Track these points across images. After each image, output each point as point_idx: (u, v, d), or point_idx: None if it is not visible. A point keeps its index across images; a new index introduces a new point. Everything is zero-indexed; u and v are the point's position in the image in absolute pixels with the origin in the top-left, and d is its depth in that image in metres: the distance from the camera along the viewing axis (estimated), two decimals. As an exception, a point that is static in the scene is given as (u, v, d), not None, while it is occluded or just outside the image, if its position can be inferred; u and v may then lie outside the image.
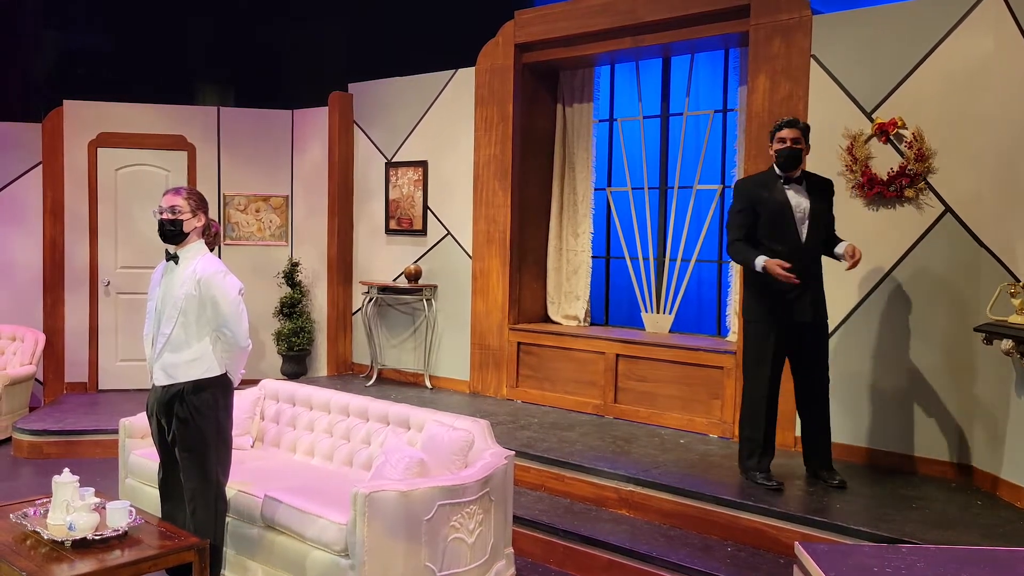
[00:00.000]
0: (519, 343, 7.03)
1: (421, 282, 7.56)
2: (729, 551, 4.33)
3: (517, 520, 4.58)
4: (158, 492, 4.07)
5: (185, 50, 9.18)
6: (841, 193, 5.26)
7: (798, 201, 4.65)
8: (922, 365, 5.02)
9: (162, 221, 3.79)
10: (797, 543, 3.15)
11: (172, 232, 3.79)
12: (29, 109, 8.41)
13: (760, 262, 4.52)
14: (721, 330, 6.59)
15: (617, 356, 6.42)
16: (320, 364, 8.34)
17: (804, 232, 4.64)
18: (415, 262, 7.68)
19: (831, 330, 5.27)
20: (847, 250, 4.58)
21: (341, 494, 3.81)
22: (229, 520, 4.06)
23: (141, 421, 4.71)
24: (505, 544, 4.13)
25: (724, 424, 5.83)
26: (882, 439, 5.18)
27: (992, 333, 4.37)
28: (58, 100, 8.08)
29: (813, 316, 4.67)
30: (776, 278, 4.48)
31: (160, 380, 3.81)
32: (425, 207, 7.66)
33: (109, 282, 8.08)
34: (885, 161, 5.15)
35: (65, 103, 8.04)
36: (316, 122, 8.30)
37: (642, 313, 6.90)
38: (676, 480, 4.80)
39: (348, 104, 8.18)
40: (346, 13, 8.78)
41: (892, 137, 5.12)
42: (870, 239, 5.17)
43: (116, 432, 5.00)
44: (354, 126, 8.20)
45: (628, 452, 5.42)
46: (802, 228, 4.64)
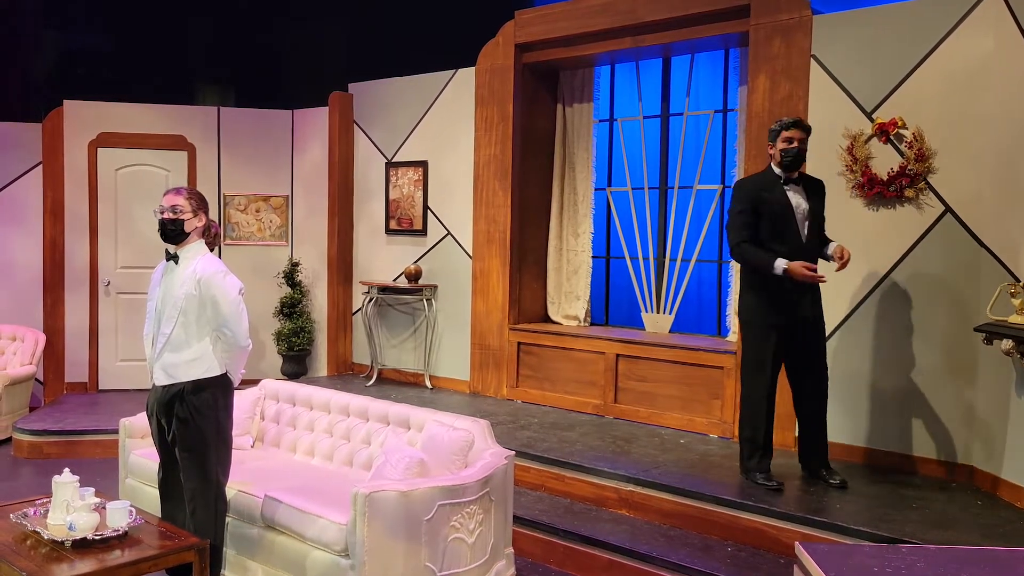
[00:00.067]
0: (519, 343, 7.03)
1: (421, 282, 7.56)
2: (729, 551, 4.33)
3: (517, 520, 4.58)
4: (158, 492, 4.07)
5: (185, 50, 9.18)
6: (841, 193, 5.28)
7: (798, 202, 4.68)
8: (922, 365, 5.02)
9: (163, 221, 3.79)
10: (797, 543, 3.14)
11: (173, 232, 3.79)
12: (29, 109, 8.41)
13: (781, 264, 4.51)
14: (721, 330, 6.59)
15: (617, 356, 6.42)
16: (320, 364, 8.34)
17: (804, 232, 4.68)
18: (415, 262, 7.69)
19: (831, 330, 5.29)
20: (836, 251, 4.64)
21: (341, 494, 3.81)
22: (229, 520, 4.06)
23: (141, 421, 4.71)
24: (505, 544, 4.13)
25: (724, 424, 5.83)
26: (882, 439, 5.18)
27: (992, 333, 4.37)
28: (58, 100, 8.08)
29: (813, 314, 4.72)
30: (801, 279, 4.50)
31: (160, 380, 3.81)
32: (425, 207, 7.66)
33: (109, 282, 8.08)
34: (885, 161, 5.15)
35: (65, 103, 8.04)
36: (316, 122, 8.30)
37: (642, 313, 6.90)
38: (676, 480, 4.80)
39: (348, 104, 8.18)
40: (346, 13, 8.78)
41: (892, 137, 5.12)
42: (870, 239, 5.18)
43: (116, 432, 5.01)
44: (354, 126, 8.20)
45: (628, 452, 5.42)
46: (803, 228, 4.67)
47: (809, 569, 2.93)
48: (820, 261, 4.75)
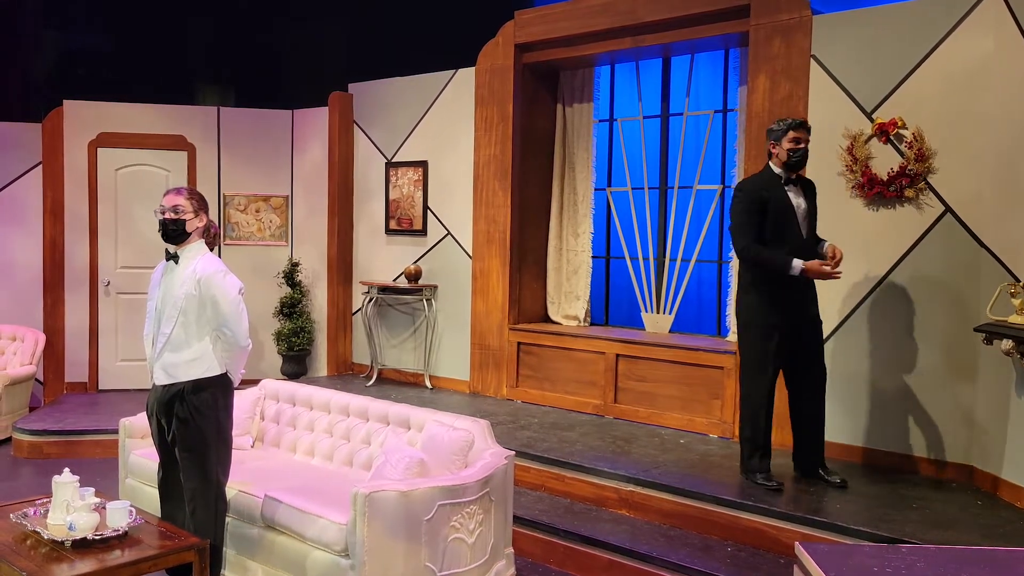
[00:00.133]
0: (519, 343, 7.03)
1: (421, 282, 7.56)
2: (729, 551, 4.33)
3: (517, 520, 4.58)
4: (158, 492, 4.07)
5: (185, 50, 9.17)
6: (841, 193, 5.29)
7: (798, 202, 4.72)
8: (922, 365, 5.02)
9: (165, 221, 3.79)
10: (797, 543, 3.15)
11: (175, 232, 3.79)
12: (29, 109, 8.41)
13: (799, 265, 4.52)
14: (721, 330, 6.59)
15: (617, 356, 6.42)
16: (320, 364, 8.34)
17: (803, 231, 4.71)
18: (415, 262, 7.69)
19: (832, 330, 5.30)
20: (828, 250, 4.68)
21: (341, 494, 3.81)
22: (229, 520, 4.06)
23: (141, 421, 4.71)
24: (505, 544, 4.13)
25: (724, 424, 5.83)
26: (882, 439, 5.18)
27: (992, 333, 4.37)
28: (58, 100, 8.08)
29: (813, 313, 4.76)
30: (818, 278, 4.56)
31: (160, 380, 3.81)
32: (425, 207, 7.66)
33: (109, 282, 8.08)
34: (885, 161, 5.15)
35: (65, 103, 8.04)
36: (316, 122, 8.30)
37: (642, 313, 6.90)
38: (676, 480, 4.80)
39: (348, 104, 8.18)
40: (346, 13, 8.78)
41: (892, 137, 5.12)
42: (870, 239, 5.18)
43: (116, 432, 5.00)
44: (354, 126, 8.20)
45: (628, 452, 5.42)
46: (802, 227, 4.71)
47: (809, 569, 2.93)
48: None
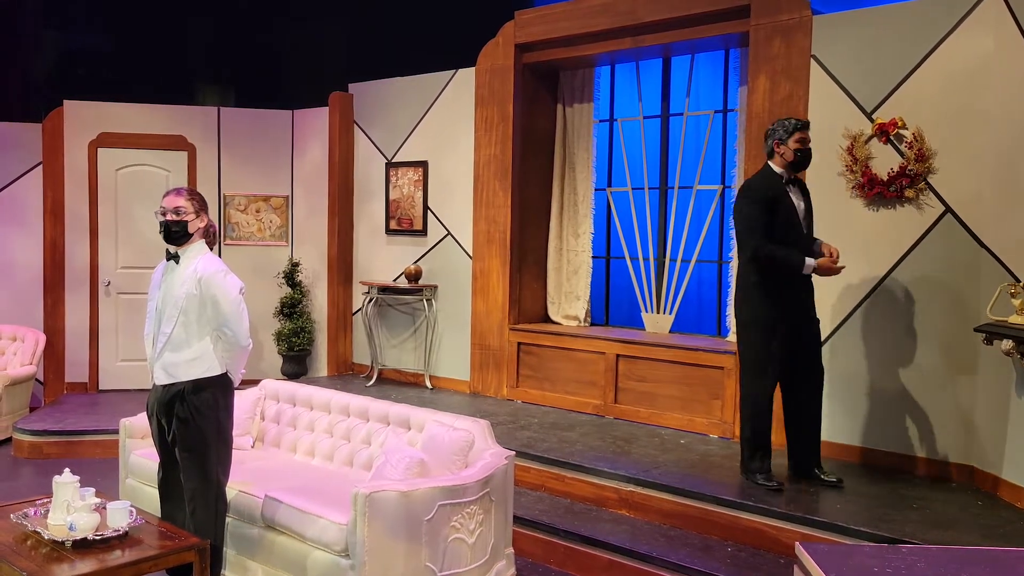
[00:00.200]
0: (519, 343, 7.03)
1: (421, 282, 7.56)
2: (729, 551, 4.33)
3: (517, 520, 4.58)
4: (158, 492, 4.07)
5: (185, 50, 9.18)
6: (841, 193, 5.30)
7: (798, 202, 4.75)
8: (922, 365, 5.02)
9: (167, 223, 3.79)
10: (798, 543, 3.14)
11: (178, 234, 3.79)
12: (29, 109, 8.41)
13: (812, 263, 4.58)
14: (721, 330, 6.59)
15: (617, 356, 6.42)
16: (320, 364, 8.34)
17: (804, 230, 4.75)
18: (415, 262, 7.69)
19: (832, 330, 5.31)
20: (825, 248, 4.74)
21: (341, 494, 3.81)
22: (229, 520, 4.06)
23: (141, 421, 4.71)
24: (505, 544, 4.13)
25: (724, 424, 5.83)
26: (882, 439, 5.18)
27: (992, 333, 4.37)
28: (58, 100, 8.08)
29: (812, 311, 4.80)
30: (827, 275, 4.65)
31: (161, 379, 3.81)
32: (425, 207, 7.66)
33: (109, 282, 8.08)
34: (885, 161, 5.15)
35: (65, 103, 8.04)
36: (316, 122, 8.30)
37: (642, 313, 6.90)
38: (676, 480, 4.81)
39: (348, 104, 8.18)
40: (346, 13, 8.78)
41: (892, 137, 5.12)
42: (870, 239, 5.18)
43: (116, 432, 5.00)
44: (354, 126, 8.20)
45: (628, 452, 5.42)
46: (804, 226, 4.75)
47: (809, 569, 2.93)
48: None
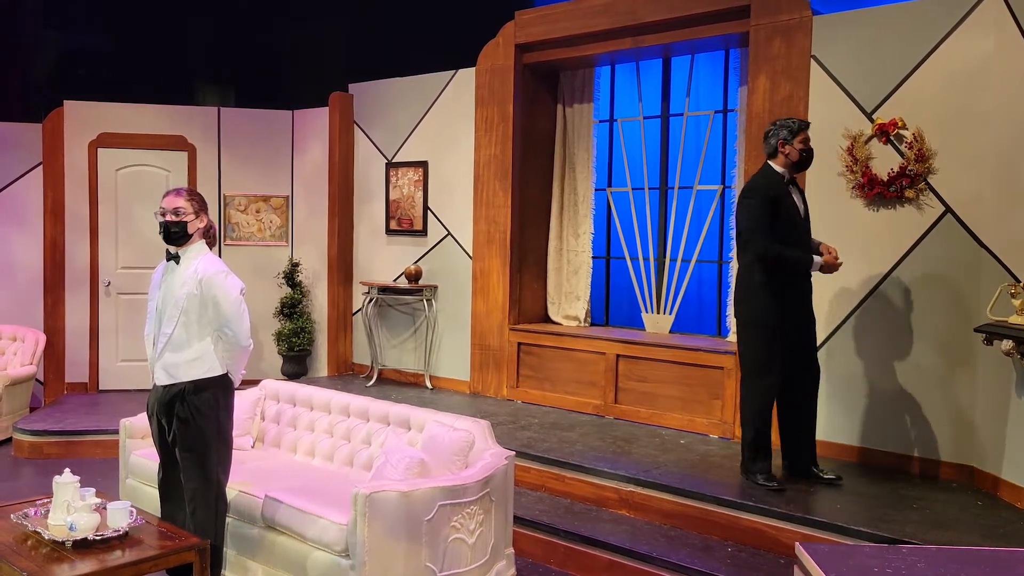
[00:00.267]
0: (519, 343, 7.03)
1: (421, 282, 7.56)
2: (729, 551, 4.33)
3: (518, 520, 4.58)
4: (158, 492, 4.07)
5: (185, 50, 9.18)
6: (841, 193, 5.30)
7: (799, 201, 4.78)
8: (922, 365, 5.02)
9: (167, 224, 3.79)
10: (798, 544, 3.15)
11: (177, 234, 3.79)
12: (29, 109, 8.41)
13: (819, 261, 4.63)
14: (721, 330, 6.60)
15: (617, 356, 6.42)
16: (320, 364, 8.34)
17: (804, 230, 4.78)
18: (415, 262, 7.69)
19: (832, 331, 5.31)
20: (823, 247, 4.77)
21: (342, 494, 3.81)
22: (229, 520, 4.06)
23: (141, 421, 4.71)
24: (506, 544, 4.13)
25: (724, 424, 5.83)
26: (882, 439, 5.18)
27: (992, 334, 4.37)
28: (58, 100, 8.08)
29: (810, 310, 4.83)
30: (832, 272, 4.70)
31: (161, 380, 3.81)
32: (425, 207, 7.66)
33: (110, 282, 8.08)
34: (885, 162, 5.15)
35: (65, 103, 8.04)
36: (316, 122, 8.30)
37: (642, 313, 6.90)
38: (676, 480, 4.81)
39: (348, 104, 8.18)
40: (346, 13, 8.78)
41: (892, 137, 5.12)
42: (870, 240, 5.18)
43: (117, 432, 5.01)
44: (354, 126, 8.20)
45: (628, 452, 5.42)
46: (803, 226, 4.77)
47: (809, 569, 2.93)
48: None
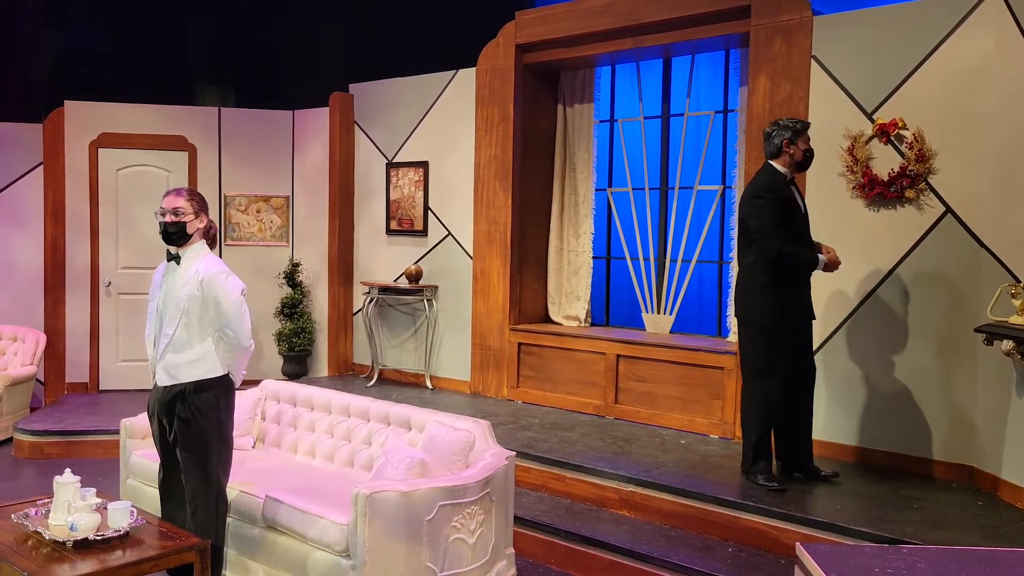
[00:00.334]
0: (520, 343, 7.03)
1: (422, 282, 7.57)
2: (730, 552, 4.34)
3: (518, 520, 4.58)
4: (158, 492, 4.07)
5: (185, 50, 9.18)
6: (842, 194, 5.30)
7: (799, 201, 4.80)
8: (922, 365, 5.02)
9: (166, 224, 3.79)
10: (798, 544, 3.15)
11: (177, 234, 3.79)
12: (30, 109, 8.42)
13: (823, 259, 4.66)
14: (722, 330, 6.60)
15: (618, 356, 6.42)
16: (321, 364, 8.34)
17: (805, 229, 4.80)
18: (416, 262, 7.69)
19: (832, 330, 5.32)
20: (821, 248, 4.79)
21: (342, 495, 3.81)
22: (230, 520, 4.06)
23: (142, 422, 4.71)
24: (506, 544, 4.13)
25: (725, 424, 5.83)
26: (882, 439, 5.18)
27: (992, 334, 4.37)
28: (59, 100, 8.08)
29: (809, 308, 4.84)
30: (835, 269, 4.73)
31: (162, 380, 3.81)
32: (426, 208, 7.66)
33: (110, 282, 8.08)
34: (886, 162, 5.15)
35: (66, 103, 8.04)
36: (317, 123, 8.30)
37: (643, 313, 6.90)
38: (677, 481, 4.81)
39: (349, 105, 8.18)
40: (346, 13, 8.79)
41: (893, 138, 5.12)
42: (870, 240, 5.19)
43: (117, 432, 5.00)
44: (355, 127, 8.21)
45: (629, 452, 5.43)
46: (804, 225, 4.79)
47: (810, 569, 2.94)
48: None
